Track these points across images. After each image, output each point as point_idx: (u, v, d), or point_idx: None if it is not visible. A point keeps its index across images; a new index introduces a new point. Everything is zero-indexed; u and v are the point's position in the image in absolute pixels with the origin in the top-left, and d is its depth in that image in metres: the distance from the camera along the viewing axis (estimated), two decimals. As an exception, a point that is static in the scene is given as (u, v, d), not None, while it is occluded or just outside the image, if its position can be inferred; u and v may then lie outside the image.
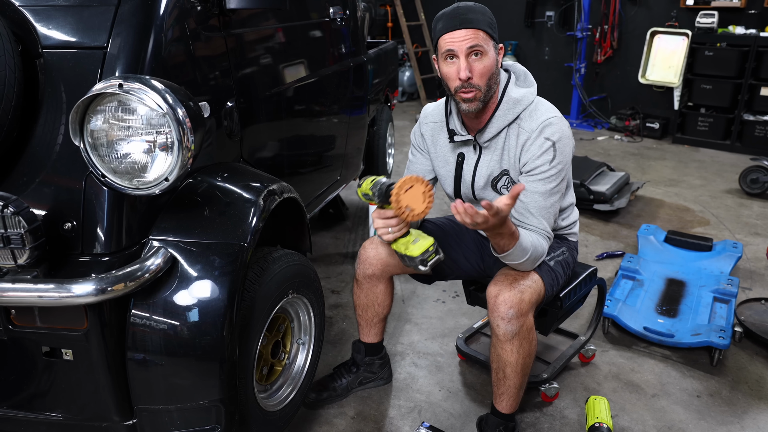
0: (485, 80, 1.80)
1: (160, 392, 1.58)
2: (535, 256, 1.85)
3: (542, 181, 1.85)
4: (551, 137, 1.83)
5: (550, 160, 1.84)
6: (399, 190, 1.66)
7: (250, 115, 2.11)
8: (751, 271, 3.40)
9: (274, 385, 2.07)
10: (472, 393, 2.38)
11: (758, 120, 5.76)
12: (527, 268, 1.90)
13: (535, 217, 1.87)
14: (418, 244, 1.78)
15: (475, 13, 1.78)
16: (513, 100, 1.89)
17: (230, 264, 1.58)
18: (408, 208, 1.69)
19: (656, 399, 2.34)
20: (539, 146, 1.84)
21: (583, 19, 6.81)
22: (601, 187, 4.18)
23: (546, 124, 1.85)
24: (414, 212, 1.69)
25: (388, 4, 8.29)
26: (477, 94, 1.81)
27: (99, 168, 1.45)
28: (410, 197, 1.68)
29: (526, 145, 1.87)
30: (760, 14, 5.90)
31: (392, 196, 1.67)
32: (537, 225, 1.87)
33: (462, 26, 1.75)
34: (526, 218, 1.88)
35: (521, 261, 1.83)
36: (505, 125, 1.90)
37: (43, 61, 1.56)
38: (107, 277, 1.41)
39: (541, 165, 1.84)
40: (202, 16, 1.83)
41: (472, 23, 1.76)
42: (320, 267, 3.40)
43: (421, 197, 1.69)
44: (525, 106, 1.89)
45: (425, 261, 1.78)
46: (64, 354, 1.52)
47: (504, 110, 1.89)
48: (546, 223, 1.88)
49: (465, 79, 1.78)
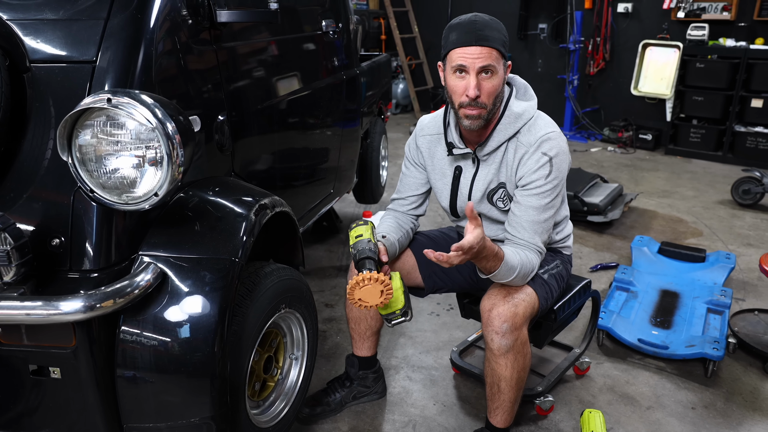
0: (492, 99, 1.79)
1: (150, 410, 1.55)
2: (524, 273, 1.84)
3: (537, 196, 1.85)
4: (548, 152, 1.83)
5: (546, 175, 1.83)
6: (355, 286, 1.72)
7: (241, 129, 2.10)
8: (745, 282, 3.41)
9: (267, 401, 2.05)
10: (466, 407, 2.36)
11: (749, 131, 5.80)
12: (518, 284, 1.89)
13: (527, 232, 1.86)
14: (389, 304, 1.82)
15: (491, 30, 1.75)
16: (515, 114, 1.87)
17: (221, 279, 1.56)
18: (362, 300, 1.75)
19: (651, 411, 2.33)
20: (536, 161, 1.83)
21: (576, 31, 6.85)
22: (594, 199, 4.19)
23: (544, 139, 1.84)
24: (368, 305, 1.76)
25: (382, 16, 8.33)
26: (482, 113, 1.80)
27: (87, 183, 1.44)
28: (365, 292, 1.74)
29: (523, 160, 1.86)
30: (750, 27, 5.96)
31: (347, 288, 1.74)
32: (528, 240, 1.86)
33: (477, 43, 1.72)
34: (519, 232, 1.87)
35: (510, 279, 1.83)
36: (506, 139, 1.89)
37: (31, 75, 1.55)
38: (96, 293, 1.39)
39: (537, 180, 1.84)
40: (193, 30, 1.83)
41: (488, 41, 1.73)
42: (314, 280, 3.39)
43: (378, 294, 1.74)
44: (526, 120, 1.88)
45: (389, 320, 1.86)
46: (52, 372, 1.49)
47: (505, 124, 1.88)
48: (538, 238, 1.87)
49: (473, 97, 1.76)
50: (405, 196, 2.17)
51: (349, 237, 1.90)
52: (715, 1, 6.07)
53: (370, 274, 1.71)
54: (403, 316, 1.85)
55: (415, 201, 2.17)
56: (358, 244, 1.84)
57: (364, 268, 1.77)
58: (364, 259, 1.80)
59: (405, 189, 2.17)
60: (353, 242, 1.87)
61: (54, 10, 1.61)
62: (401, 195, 2.18)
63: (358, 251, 1.83)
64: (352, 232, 1.90)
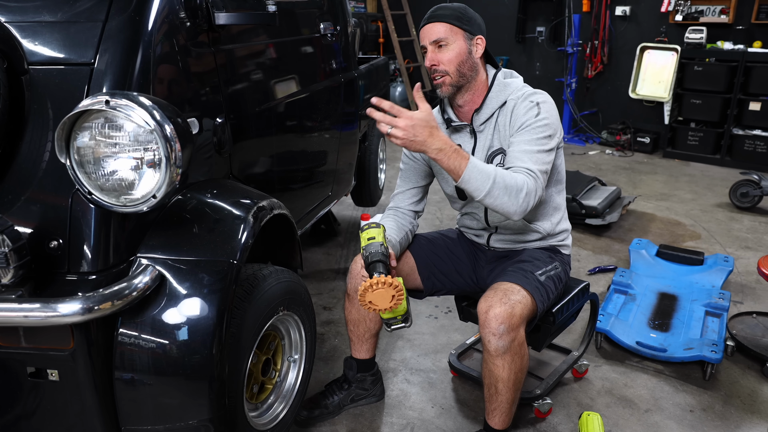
0: (453, 66, 1.94)
1: (149, 412, 1.55)
2: (506, 184, 1.75)
3: (528, 131, 1.91)
4: (535, 100, 1.95)
5: (535, 114, 1.92)
6: (368, 288, 1.72)
7: (239, 131, 2.10)
8: (743, 285, 3.41)
9: (265, 404, 2.05)
10: (465, 409, 2.36)
11: (747, 134, 5.80)
12: (509, 205, 1.77)
13: (520, 160, 1.86)
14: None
15: (443, 9, 1.95)
16: (503, 83, 2.04)
17: (219, 281, 1.56)
18: (372, 303, 1.75)
19: (649, 414, 2.33)
20: (525, 107, 1.95)
21: (574, 34, 6.87)
22: (592, 202, 4.19)
23: (531, 93, 1.99)
24: (378, 308, 1.76)
25: (380, 19, 8.33)
26: (446, 79, 1.96)
27: (86, 185, 1.44)
28: (377, 296, 1.74)
29: (515, 110, 1.97)
30: (748, 30, 5.97)
31: (360, 289, 1.74)
32: (521, 165, 1.84)
33: (429, 21, 1.95)
34: (513, 163, 1.87)
35: (488, 188, 1.74)
36: (498, 106, 2.01)
37: (29, 77, 1.55)
38: (94, 295, 1.39)
39: (527, 120, 1.93)
40: (191, 32, 1.83)
41: (438, 18, 1.94)
42: (312, 283, 3.38)
43: (389, 298, 1.75)
44: (514, 88, 2.02)
45: (389, 325, 1.86)
46: (49, 374, 1.49)
47: (496, 92, 2.02)
48: (531, 163, 1.84)
49: (429, 66, 1.95)
50: (406, 189, 2.21)
51: (361, 238, 1.90)
52: (713, 5, 6.08)
53: (384, 278, 1.71)
54: (404, 322, 1.85)
55: (416, 194, 2.21)
56: (370, 247, 1.84)
57: (375, 271, 1.78)
58: (376, 263, 1.80)
59: (405, 182, 2.22)
60: (365, 244, 1.86)
61: (52, 12, 1.61)
62: (402, 189, 2.22)
63: (370, 254, 1.83)
64: (364, 233, 1.90)
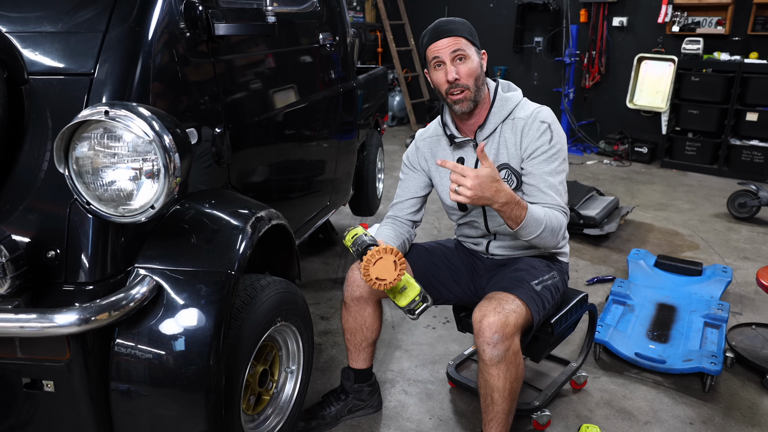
0: (472, 80, 1.95)
1: (144, 424, 1.54)
2: (551, 227, 1.90)
3: (545, 161, 1.96)
4: (546, 120, 1.99)
5: (549, 140, 1.97)
6: (368, 264, 1.73)
7: (238, 141, 2.10)
8: (741, 296, 3.41)
9: (262, 415, 2.04)
10: (463, 421, 2.34)
11: (744, 144, 5.82)
12: (550, 243, 1.95)
13: (546, 194, 1.95)
14: (405, 294, 1.83)
15: (454, 23, 1.96)
16: (505, 98, 2.06)
17: (217, 292, 1.55)
18: (378, 279, 1.75)
19: (649, 426, 2.32)
20: (537, 129, 1.98)
21: (571, 44, 6.90)
22: (591, 212, 4.19)
23: (538, 111, 2.02)
24: (385, 282, 1.77)
25: (378, 29, 8.37)
26: (467, 94, 1.95)
27: (84, 195, 1.43)
28: (380, 268, 1.75)
29: (525, 131, 2.00)
30: (744, 41, 6.01)
31: (362, 269, 1.74)
32: (550, 201, 1.95)
33: (444, 35, 1.93)
34: (539, 197, 1.95)
35: (539, 233, 1.88)
36: (501, 120, 2.03)
37: (29, 87, 1.54)
38: (91, 306, 1.38)
39: (542, 146, 1.96)
40: (191, 43, 1.83)
41: (452, 32, 1.94)
42: (309, 293, 3.37)
43: (392, 266, 1.75)
44: (516, 102, 2.05)
45: (412, 310, 1.85)
46: (45, 385, 1.48)
47: (498, 107, 2.04)
48: (559, 198, 1.96)
49: (452, 80, 1.93)
50: (405, 199, 2.22)
51: (346, 241, 1.94)
52: (710, 16, 6.11)
53: (377, 247, 1.73)
54: (424, 301, 1.85)
55: (414, 204, 2.22)
56: (357, 240, 1.88)
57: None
58: (366, 248, 1.82)
59: (405, 192, 2.23)
60: (351, 242, 1.90)
61: (52, 22, 1.61)
62: (401, 198, 2.23)
63: (358, 244, 1.86)
64: (347, 237, 1.94)
